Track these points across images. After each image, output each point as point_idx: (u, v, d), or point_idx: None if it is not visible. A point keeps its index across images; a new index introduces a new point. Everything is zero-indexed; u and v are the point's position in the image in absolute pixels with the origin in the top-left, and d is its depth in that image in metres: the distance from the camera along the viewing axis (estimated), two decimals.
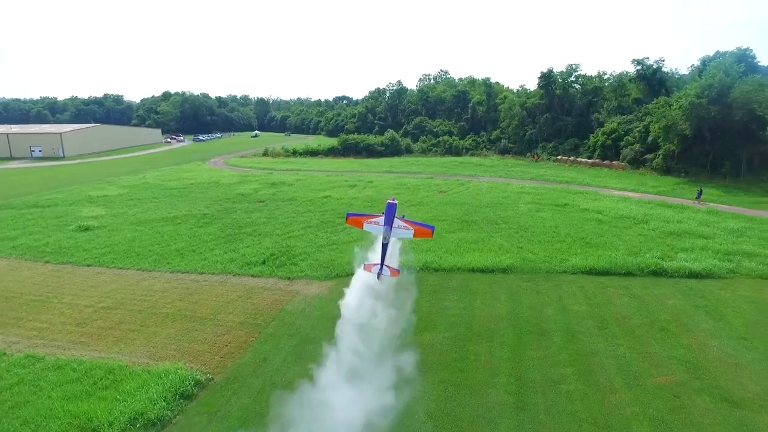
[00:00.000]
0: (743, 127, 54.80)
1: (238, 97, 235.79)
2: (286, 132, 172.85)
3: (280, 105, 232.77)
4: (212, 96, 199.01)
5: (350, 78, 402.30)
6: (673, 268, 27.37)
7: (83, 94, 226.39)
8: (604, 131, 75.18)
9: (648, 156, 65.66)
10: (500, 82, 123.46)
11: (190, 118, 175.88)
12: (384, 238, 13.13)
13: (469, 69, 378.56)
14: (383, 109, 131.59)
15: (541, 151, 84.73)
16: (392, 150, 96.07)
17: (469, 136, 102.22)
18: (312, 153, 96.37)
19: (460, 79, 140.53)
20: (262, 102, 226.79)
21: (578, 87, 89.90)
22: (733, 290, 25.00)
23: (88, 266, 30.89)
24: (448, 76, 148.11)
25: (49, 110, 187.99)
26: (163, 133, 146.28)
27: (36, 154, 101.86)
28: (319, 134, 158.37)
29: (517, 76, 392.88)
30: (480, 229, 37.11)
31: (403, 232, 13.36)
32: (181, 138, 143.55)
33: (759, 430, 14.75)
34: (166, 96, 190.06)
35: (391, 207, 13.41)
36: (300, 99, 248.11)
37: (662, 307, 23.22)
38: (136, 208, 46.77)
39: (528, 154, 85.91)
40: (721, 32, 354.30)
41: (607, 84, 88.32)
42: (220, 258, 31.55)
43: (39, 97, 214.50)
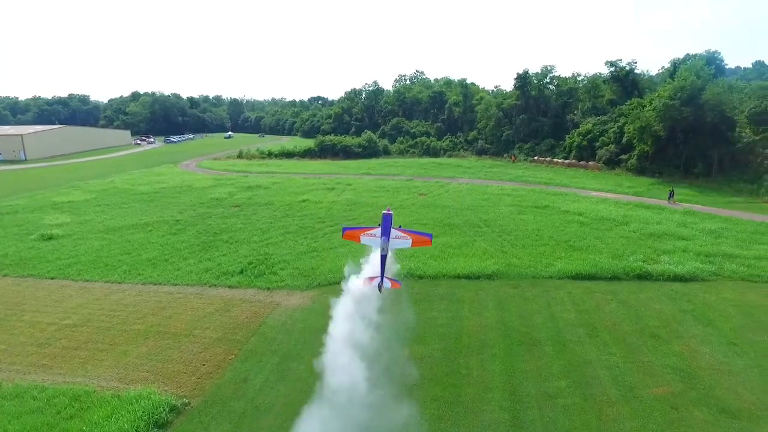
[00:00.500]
0: (714, 128, 56.07)
1: (211, 98, 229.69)
2: (260, 133, 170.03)
3: (254, 105, 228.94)
4: (184, 96, 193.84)
5: (325, 78, 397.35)
6: (658, 272, 27.36)
7: (46, 94, 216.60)
8: (580, 132, 75.90)
9: (623, 156, 66.53)
10: (476, 82, 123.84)
11: (161, 119, 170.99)
12: (382, 249, 12.76)
13: (445, 69, 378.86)
14: (360, 110, 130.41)
15: (518, 152, 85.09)
16: (370, 151, 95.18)
17: (446, 137, 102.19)
18: (288, 155, 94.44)
19: (436, 80, 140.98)
20: (235, 102, 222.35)
21: (553, 88, 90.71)
22: (718, 293, 25.06)
23: (52, 279, 29.03)
24: (424, 77, 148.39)
25: (10, 110, 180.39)
26: (133, 135, 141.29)
27: None
28: (295, 135, 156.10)
29: (493, 76, 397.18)
30: (463, 233, 36.57)
31: (401, 242, 13.13)
32: (152, 140, 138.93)
33: None
34: (135, 96, 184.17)
35: (387, 218, 13.17)
36: (274, 99, 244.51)
37: (650, 313, 23.02)
38: (104, 215, 44.58)
39: (505, 155, 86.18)
40: (691, 35, 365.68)
41: (581, 85, 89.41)
42: (195, 268, 30.08)
43: None
